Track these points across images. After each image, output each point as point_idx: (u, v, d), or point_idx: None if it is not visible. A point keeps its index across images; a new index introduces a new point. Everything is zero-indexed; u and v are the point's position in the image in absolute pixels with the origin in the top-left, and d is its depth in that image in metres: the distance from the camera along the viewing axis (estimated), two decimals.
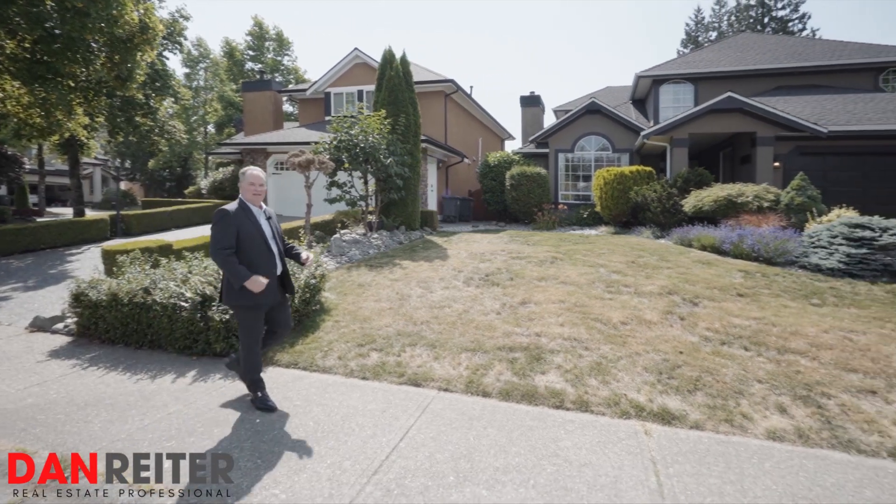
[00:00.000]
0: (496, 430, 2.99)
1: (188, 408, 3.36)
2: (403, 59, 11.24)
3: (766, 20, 35.48)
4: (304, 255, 3.53)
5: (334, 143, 9.57)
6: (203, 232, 11.08)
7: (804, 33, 33.59)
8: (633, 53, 79.96)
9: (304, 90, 19.52)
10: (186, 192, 22.08)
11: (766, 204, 9.23)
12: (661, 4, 74.96)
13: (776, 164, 11.69)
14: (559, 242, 9.26)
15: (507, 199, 14.97)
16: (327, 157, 9.30)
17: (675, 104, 16.11)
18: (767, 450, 2.82)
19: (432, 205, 16.36)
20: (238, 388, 3.69)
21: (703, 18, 39.85)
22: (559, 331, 4.69)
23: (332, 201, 9.99)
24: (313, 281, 5.37)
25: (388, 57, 11.00)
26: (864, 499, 2.37)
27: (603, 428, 3.05)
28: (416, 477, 2.47)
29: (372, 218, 10.51)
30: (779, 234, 7.71)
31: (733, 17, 37.64)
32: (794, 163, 11.74)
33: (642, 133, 13.45)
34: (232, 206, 3.17)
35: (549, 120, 24.31)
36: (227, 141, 21.82)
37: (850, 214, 7.65)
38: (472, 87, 20.42)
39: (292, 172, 16.54)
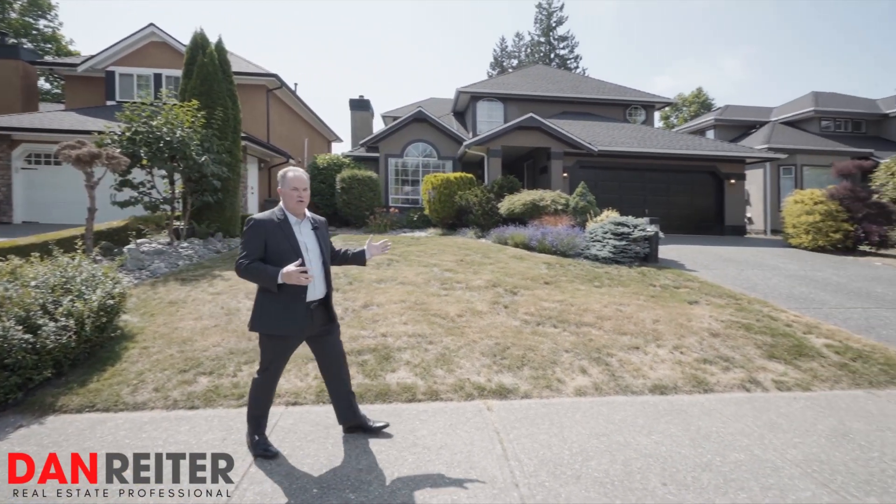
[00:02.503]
0: (354, 433, 2.97)
1: None
2: (220, 45, 10.00)
3: (552, 55, 43.09)
4: (365, 247, 2.93)
5: (128, 134, 7.94)
6: None
7: (577, 70, 41.85)
8: (456, 65, 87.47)
9: (75, 65, 15.59)
10: None
11: (559, 207, 11.25)
12: (475, 28, 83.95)
13: (565, 174, 14.34)
14: (394, 245, 9.56)
15: (337, 202, 14.69)
16: (118, 150, 7.67)
17: (489, 119, 18.29)
18: (577, 404, 3.50)
19: (253, 209, 14.97)
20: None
21: (507, 47, 46.25)
22: (403, 329, 4.88)
23: (123, 205, 8.25)
24: (110, 302, 4.39)
25: (200, 41, 9.64)
26: (638, 425, 3.16)
27: (453, 412, 3.32)
28: (275, 498, 2.28)
29: (180, 224, 9.07)
30: (569, 232, 9.50)
31: (529, 50, 44.62)
32: (577, 174, 14.61)
33: (464, 143, 14.87)
34: (266, 213, 2.65)
35: (378, 125, 24.77)
36: None
37: (615, 215, 9.91)
38: (296, 84, 19.42)
39: (53, 168, 13.12)
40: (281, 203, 2.72)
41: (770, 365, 4.34)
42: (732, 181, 15.62)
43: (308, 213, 2.79)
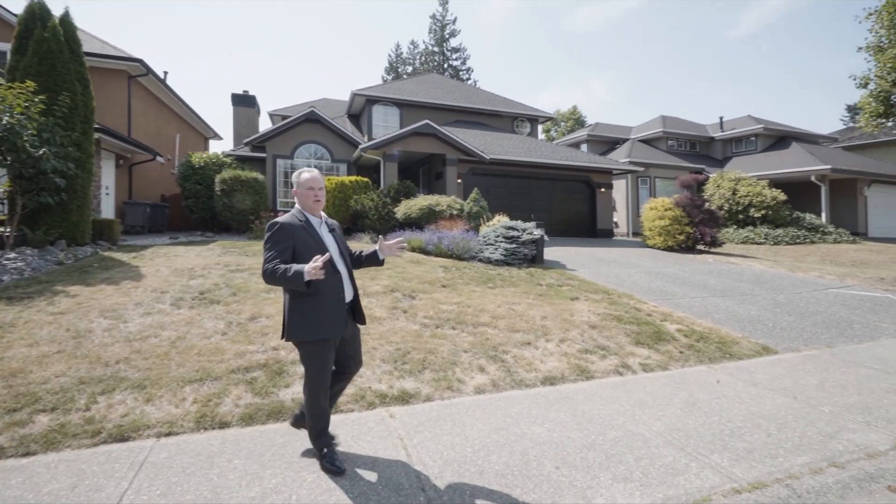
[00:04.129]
0: (244, 459, 2.68)
1: None
2: (66, 19, 8.41)
3: (445, 65, 44.51)
4: (377, 248, 2.82)
5: None
6: None
7: (469, 81, 43.83)
8: (350, 68, 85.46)
9: None
10: None
11: (455, 212, 11.61)
12: (371, 32, 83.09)
13: (459, 180, 14.87)
14: None
15: (216, 205, 13.30)
16: None
17: (385, 123, 18.21)
18: (477, 402, 3.61)
19: (109, 212, 12.88)
20: None
21: (402, 53, 46.70)
22: None
23: None
24: None
25: (39, 11, 8.00)
26: (533, 416, 3.36)
27: (354, 423, 3.19)
28: None
29: (5, 230, 7.46)
30: (464, 236, 9.86)
31: (424, 58, 45.54)
32: (471, 180, 15.24)
33: (360, 146, 14.59)
34: (287, 216, 2.59)
35: (265, 123, 23.15)
36: None
37: (505, 220, 10.54)
38: (166, 73, 17.25)
39: None
40: (297, 205, 2.69)
41: (637, 350, 4.96)
42: (603, 190, 17.67)
43: (323, 215, 2.76)
